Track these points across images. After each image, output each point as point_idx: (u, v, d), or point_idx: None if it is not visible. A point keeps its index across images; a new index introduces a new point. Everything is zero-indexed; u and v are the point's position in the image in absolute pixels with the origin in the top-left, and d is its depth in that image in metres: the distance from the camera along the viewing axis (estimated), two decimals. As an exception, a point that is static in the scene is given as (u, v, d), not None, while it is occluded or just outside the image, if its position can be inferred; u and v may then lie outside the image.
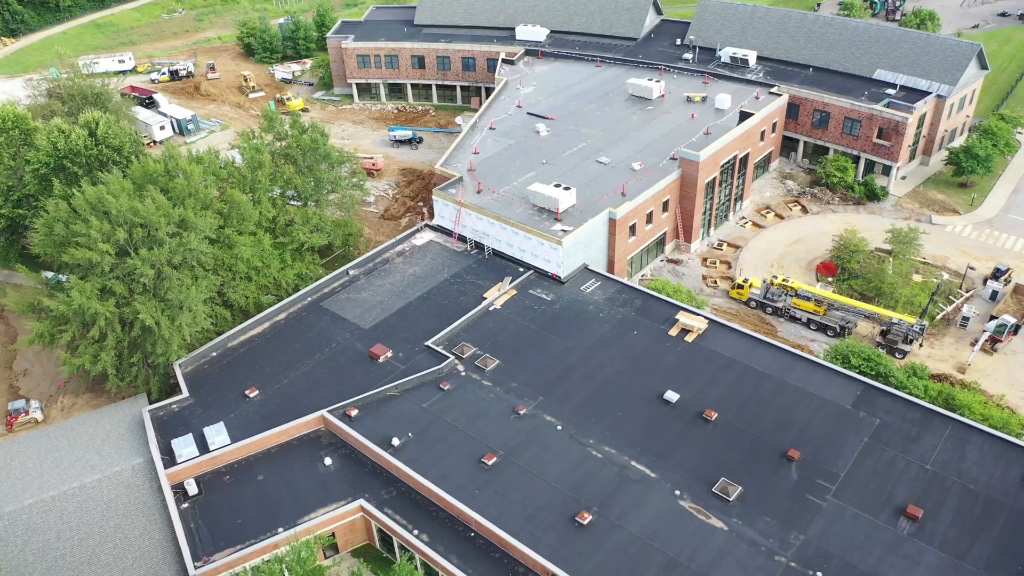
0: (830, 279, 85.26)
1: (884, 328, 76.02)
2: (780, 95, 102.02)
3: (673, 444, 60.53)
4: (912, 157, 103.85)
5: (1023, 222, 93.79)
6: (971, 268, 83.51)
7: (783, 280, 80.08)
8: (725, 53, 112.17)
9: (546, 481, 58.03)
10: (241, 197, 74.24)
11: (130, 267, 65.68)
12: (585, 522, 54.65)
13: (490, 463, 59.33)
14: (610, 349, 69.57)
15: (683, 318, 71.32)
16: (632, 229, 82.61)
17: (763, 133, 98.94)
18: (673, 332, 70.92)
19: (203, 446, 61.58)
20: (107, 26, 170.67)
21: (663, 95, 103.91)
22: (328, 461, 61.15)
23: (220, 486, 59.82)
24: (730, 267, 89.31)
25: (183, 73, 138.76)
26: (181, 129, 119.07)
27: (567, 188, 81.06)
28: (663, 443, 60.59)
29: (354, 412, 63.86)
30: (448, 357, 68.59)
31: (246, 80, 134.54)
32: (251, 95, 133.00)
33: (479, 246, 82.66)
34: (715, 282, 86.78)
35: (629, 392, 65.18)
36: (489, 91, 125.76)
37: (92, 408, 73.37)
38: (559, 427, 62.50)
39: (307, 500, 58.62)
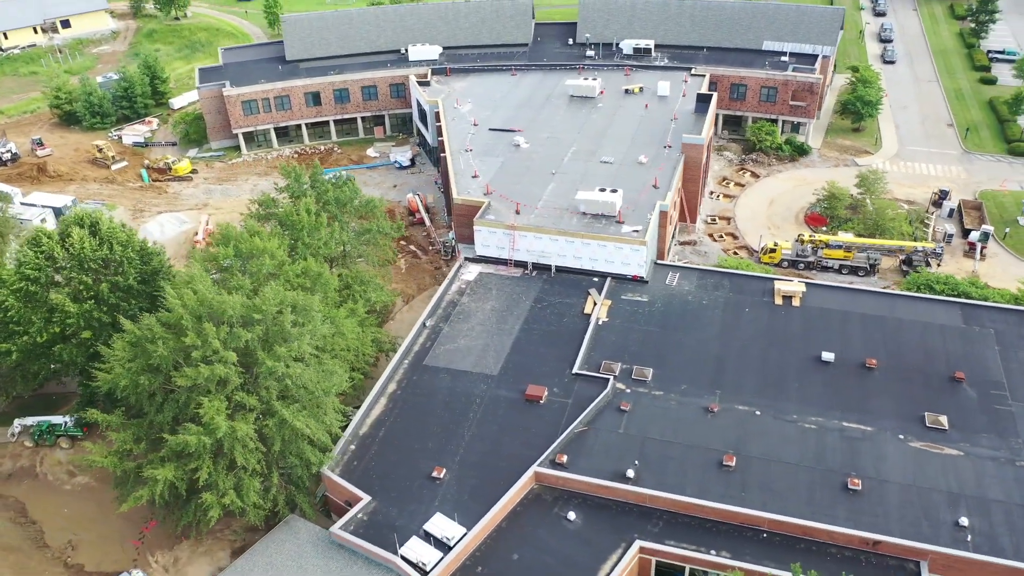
0: (823, 228, 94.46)
1: (905, 257, 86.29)
2: (703, 76, 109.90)
3: (863, 397, 64.42)
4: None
5: (921, 152, 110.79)
6: (938, 193, 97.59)
7: (810, 237, 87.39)
8: (627, 45, 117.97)
9: (791, 463, 59.02)
10: (320, 267, 65.00)
11: (267, 370, 55.00)
12: (858, 487, 56.70)
13: (732, 463, 58.93)
14: (739, 330, 71.69)
15: (781, 286, 75.47)
16: (671, 219, 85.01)
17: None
18: (778, 301, 74.77)
19: (440, 545, 53.80)
20: None
21: (602, 92, 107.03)
22: (572, 515, 56.62)
23: (478, 580, 53.06)
24: (736, 238, 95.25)
25: (6, 156, 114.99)
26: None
27: (614, 191, 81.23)
28: (854, 399, 64.23)
29: (564, 458, 59.65)
30: (604, 378, 66.35)
31: (100, 151, 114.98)
32: (113, 166, 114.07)
33: (539, 266, 79.96)
34: (735, 252, 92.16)
35: (788, 363, 67.88)
36: (395, 118, 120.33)
37: (205, 558, 60.42)
38: (757, 412, 63.57)
39: (582, 562, 53.92)
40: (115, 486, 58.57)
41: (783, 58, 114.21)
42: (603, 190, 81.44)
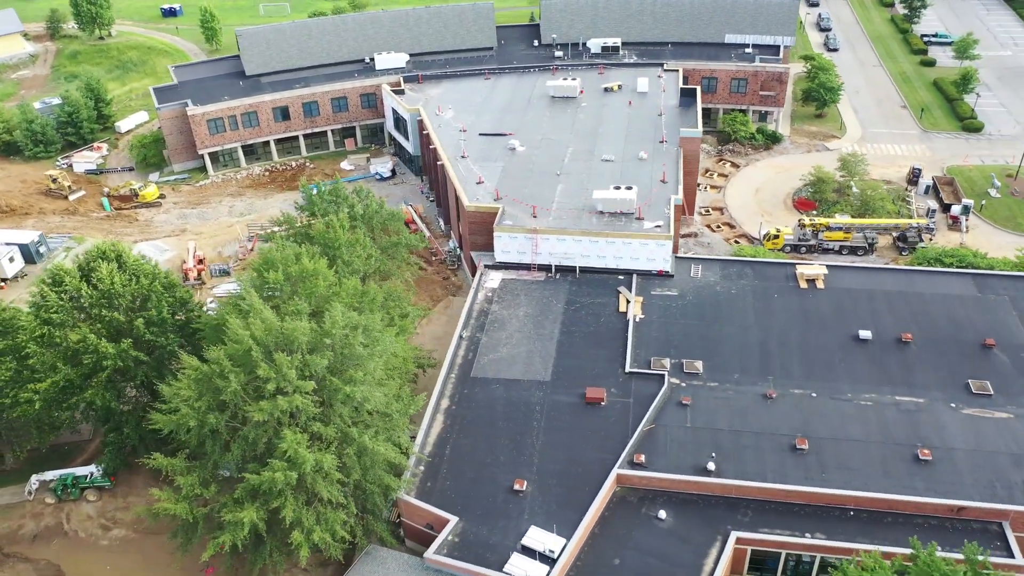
0: (813, 212, 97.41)
1: (900, 234, 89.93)
2: (676, 71, 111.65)
3: (906, 370, 66.72)
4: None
5: (884, 133, 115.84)
6: (912, 171, 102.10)
7: (811, 221, 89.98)
8: (595, 44, 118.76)
9: (860, 440, 60.50)
10: (370, 285, 62.60)
11: (344, 396, 52.48)
12: (929, 457, 58.60)
13: (806, 446, 59.92)
14: (773, 316, 73.07)
15: (803, 269, 77.38)
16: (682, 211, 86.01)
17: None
18: (803, 284, 76.60)
19: (544, 559, 52.43)
20: None
21: (581, 91, 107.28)
22: (662, 514, 56.35)
23: (585, 589, 52.13)
24: (733, 227, 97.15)
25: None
26: (30, 256, 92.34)
27: (629, 188, 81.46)
28: (899, 373, 66.44)
29: (642, 458, 59.34)
30: (658, 375, 66.45)
31: (55, 181, 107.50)
32: (71, 196, 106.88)
33: (562, 269, 79.36)
34: (736, 241, 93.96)
35: (828, 344, 69.61)
36: (365, 129, 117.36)
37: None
38: (813, 395, 64.90)
39: (683, 560, 53.68)
40: (177, 534, 54.66)
41: (747, 50, 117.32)
42: (618, 188, 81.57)
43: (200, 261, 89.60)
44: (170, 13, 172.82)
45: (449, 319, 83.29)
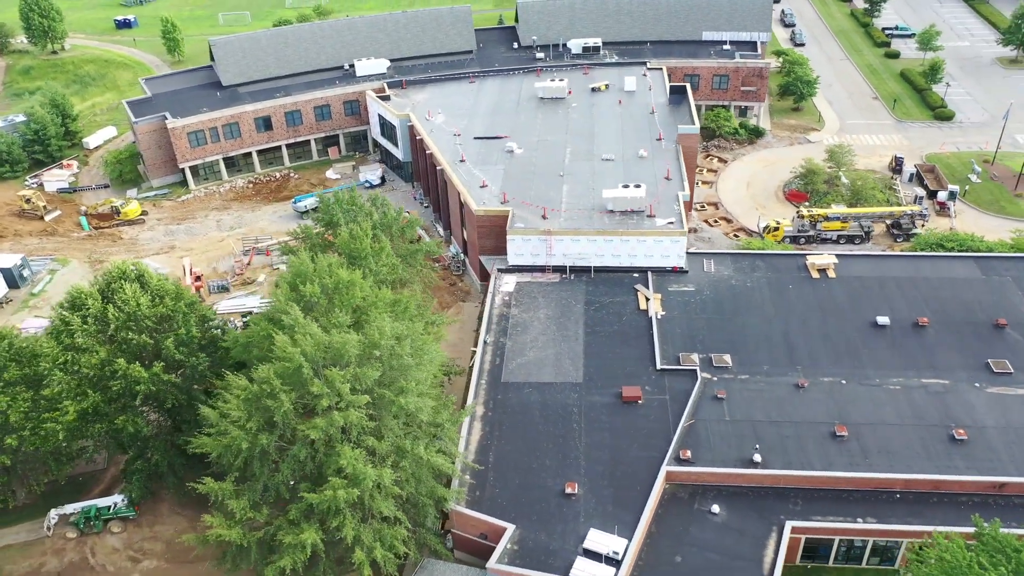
0: (806, 204, 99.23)
1: (893, 222, 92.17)
2: (660, 69, 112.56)
3: (927, 353, 68.33)
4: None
5: (861, 124, 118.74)
6: (895, 160, 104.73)
7: (809, 212, 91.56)
8: (575, 45, 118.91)
9: (896, 424, 61.64)
10: (410, 296, 61.53)
11: (397, 408, 51.32)
12: (965, 436, 60.03)
13: (845, 433, 60.79)
14: (791, 306, 74.06)
15: (813, 259, 78.68)
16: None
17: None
18: (815, 274, 77.86)
19: (609, 561, 51.99)
20: None
21: (570, 92, 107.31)
22: (716, 509, 56.50)
23: (650, 589, 51.92)
24: (730, 221, 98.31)
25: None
26: (13, 281, 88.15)
27: (638, 186, 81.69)
28: (921, 356, 68.02)
29: (688, 454, 59.42)
30: (689, 371, 66.74)
31: (28, 202, 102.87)
32: (47, 217, 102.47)
33: (576, 269, 79.13)
34: (735, 235, 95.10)
35: (849, 332, 70.85)
36: (348, 136, 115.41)
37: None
38: (843, 382, 65.94)
39: (743, 552, 53.88)
40: (227, 560, 52.54)
41: (725, 47, 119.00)
42: (627, 186, 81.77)
43: (198, 278, 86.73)
44: (124, 24, 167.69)
45: (461, 325, 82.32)
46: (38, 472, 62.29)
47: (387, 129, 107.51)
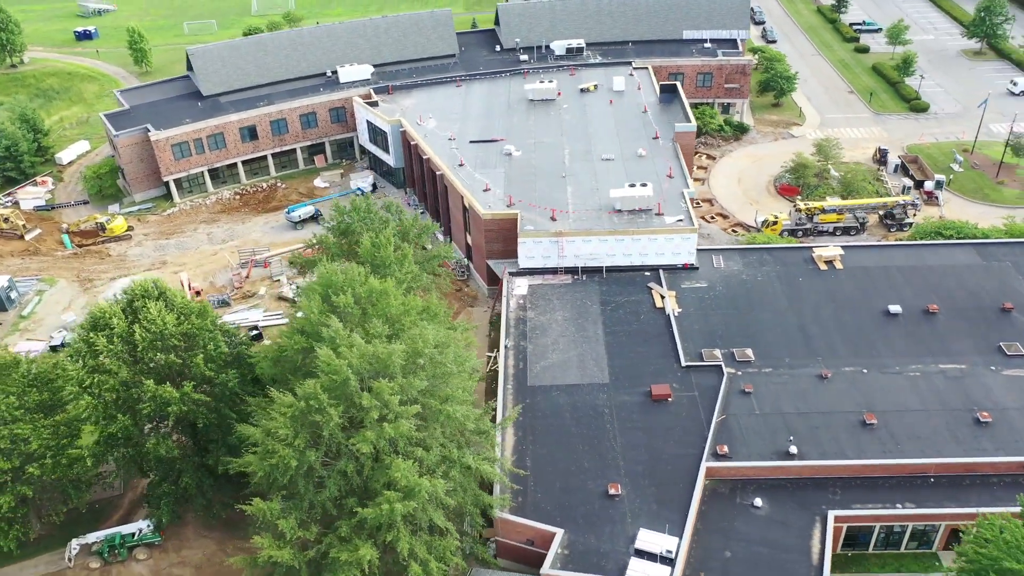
0: (798, 197, 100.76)
1: (886, 212, 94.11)
2: (645, 68, 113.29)
3: (941, 339, 69.88)
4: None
5: (840, 118, 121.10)
6: (879, 152, 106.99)
7: (806, 205, 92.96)
8: (558, 46, 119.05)
9: (921, 410, 62.86)
10: (439, 304, 60.82)
11: (445, 416, 50.58)
12: (989, 419, 61.46)
13: (875, 421, 61.75)
14: (803, 299, 75.10)
15: (820, 252, 79.88)
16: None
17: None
18: (822, 266, 79.04)
19: (664, 560, 51.92)
20: None
21: (559, 93, 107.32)
22: (758, 502, 56.88)
23: (704, 585, 52.00)
24: (726, 217, 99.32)
25: None
26: (0, 303, 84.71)
27: (644, 184, 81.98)
28: (935, 342, 69.54)
29: (725, 449, 59.72)
30: (714, 366, 67.16)
31: (6, 221, 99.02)
32: (28, 235, 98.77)
33: (588, 270, 79.04)
34: (734, 230, 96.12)
35: (862, 321, 72.09)
36: (334, 144, 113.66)
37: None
38: (864, 371, 67.03)
39: (789, 544, 54.27)
40: (272, 582, 51.17)
41: (706, 44, 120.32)
42: (633, 185, 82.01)
43: (197, 293, 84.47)
44: (84, 36, 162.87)
45: (474, 331, 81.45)
46: (55, 501, 59.86)
47: (377, 135, 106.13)
